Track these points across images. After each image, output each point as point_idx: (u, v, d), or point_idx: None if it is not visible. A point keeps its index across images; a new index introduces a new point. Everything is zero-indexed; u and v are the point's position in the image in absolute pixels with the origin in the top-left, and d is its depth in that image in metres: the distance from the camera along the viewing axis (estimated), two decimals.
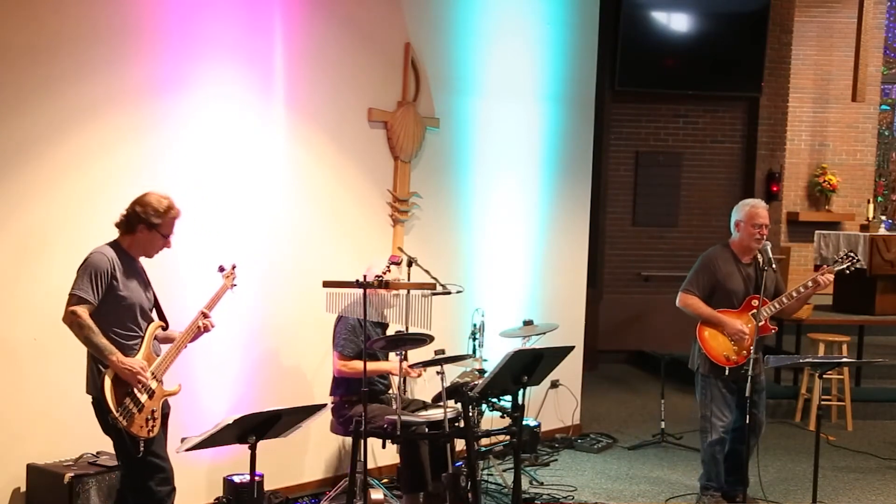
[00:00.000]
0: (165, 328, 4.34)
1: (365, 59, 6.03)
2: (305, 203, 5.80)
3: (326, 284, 4.93)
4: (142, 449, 4.02)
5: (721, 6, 10.30)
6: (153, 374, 4.13)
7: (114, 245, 4.19)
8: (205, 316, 4.34)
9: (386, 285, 4.95)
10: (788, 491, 6.14)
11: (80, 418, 4.77)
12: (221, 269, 4.65)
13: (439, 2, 6.51)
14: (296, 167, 5.74)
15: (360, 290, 4.81)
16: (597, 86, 7.69)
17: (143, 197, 4.20)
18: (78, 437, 4.75)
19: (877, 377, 8.69)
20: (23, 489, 4.65)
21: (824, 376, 6.77)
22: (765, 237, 5.44)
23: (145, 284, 4.28)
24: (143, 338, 4.19)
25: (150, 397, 4.09)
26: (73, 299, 4.02)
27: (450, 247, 6.61)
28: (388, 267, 5.07)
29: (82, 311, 3.99)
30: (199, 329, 4.33)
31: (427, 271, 5.64)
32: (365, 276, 4.89)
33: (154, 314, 4.33)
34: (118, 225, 4.21)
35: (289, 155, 5.69)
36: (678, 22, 10.33)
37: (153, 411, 4.09)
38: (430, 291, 5.23)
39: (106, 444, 4.73)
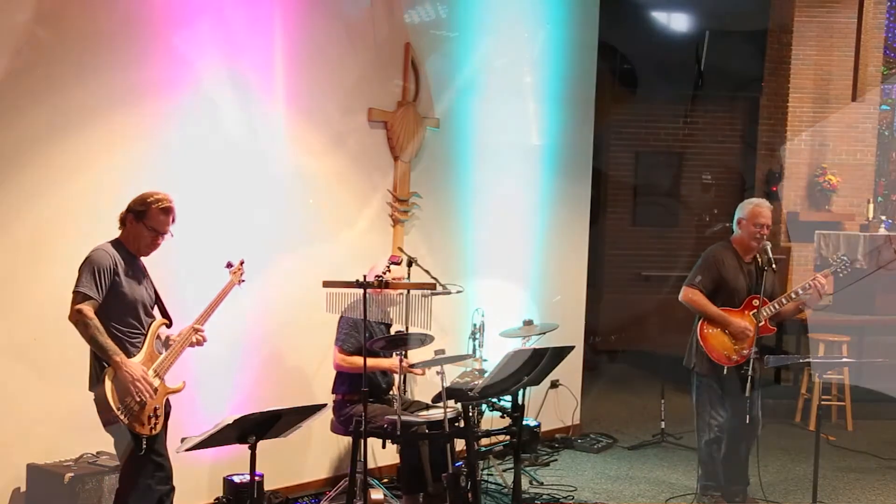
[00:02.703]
0: (169, 325, 4.33)
1: (365, 59, 6.03)
2: (305, 203, 5.80)
3: (326, 284, 4.93)
4: (144, 446, 4.01)
5: (721, 6, 10.30)
6: (156, 371, 4.13)
7: (114, 242, 4.21)
8: (195, 331, 4.31)
9: (386, 285, 4.95)
10: (788, 491, 6.14)
11: (80, 418, 4.76)
12: (229, 265, 4.64)
13: (439, 2, 6.51)
14: (296, 167, 5.73)
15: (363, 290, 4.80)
16: (597, 86, 7.69)
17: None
18: (78, 437, 4.74)
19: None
20: (23, 489, 4.64)
21: (824, 376, 6.77)
22: (765, 237, 5.45)
23: (147, 281, 4.29)
24: (145, 335, 4.19)
25: (153, 395, 4.08)
26: (78, 297, 3.99)
27: (450, 247, 6.61)
28: (389, 267, 5.07)
29: (88, 310, 3.97)
30: (191, 344, 4.31)
31: (427, 271, 5.64)
32: (365, 277, 4.89)
33: (157, 312, 4.33)
34: (119, 221, 4.24)
35: (289, 155, 5.69)
36: (678, 22, 10.32)
37: (156, 409, 4.09)
38: (430, 291, 5.23)
39: (106, 444, 4.72)
